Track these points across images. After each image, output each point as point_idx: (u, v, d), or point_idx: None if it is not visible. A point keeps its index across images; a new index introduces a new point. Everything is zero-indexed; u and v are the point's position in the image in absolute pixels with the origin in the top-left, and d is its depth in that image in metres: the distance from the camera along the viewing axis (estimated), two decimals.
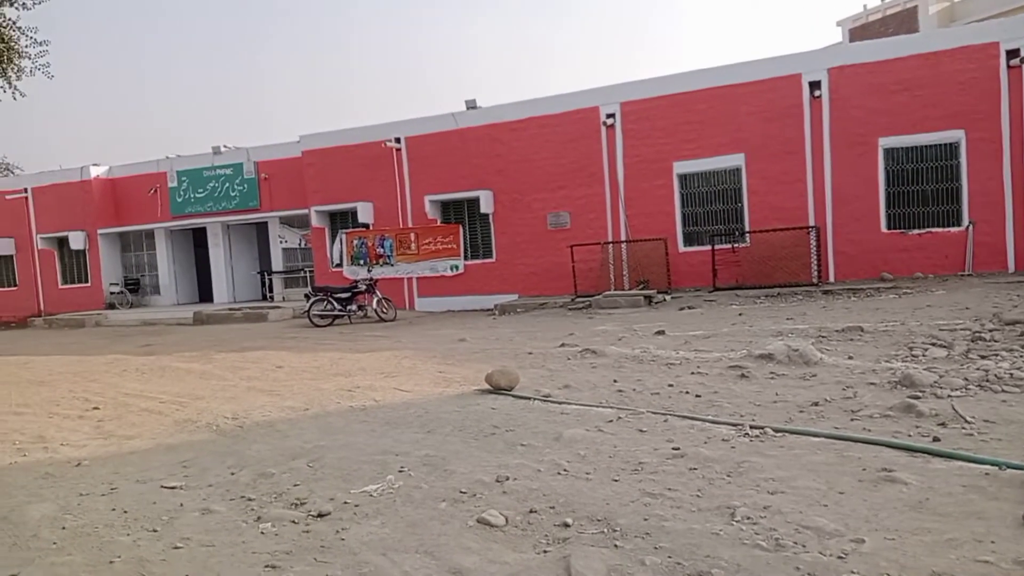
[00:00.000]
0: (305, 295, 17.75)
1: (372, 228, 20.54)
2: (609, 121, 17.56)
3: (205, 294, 25.32)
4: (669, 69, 60.26)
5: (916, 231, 15.28)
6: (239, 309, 20.33)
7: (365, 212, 20.43)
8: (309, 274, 22.20)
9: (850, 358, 7.32)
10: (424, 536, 3.55)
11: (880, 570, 2.86)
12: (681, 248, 17.08)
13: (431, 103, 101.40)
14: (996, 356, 6.70)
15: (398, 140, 19.96)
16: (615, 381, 7.15)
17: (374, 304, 16.97)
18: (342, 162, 20.75)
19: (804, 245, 15.37)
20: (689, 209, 17.12)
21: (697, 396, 6.23)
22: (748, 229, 16.30)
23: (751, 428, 5.00)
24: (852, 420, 5.11)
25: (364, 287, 17.10)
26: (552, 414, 5.97)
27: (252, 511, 4.11)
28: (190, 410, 7.31)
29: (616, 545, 3.26)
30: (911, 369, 6.19)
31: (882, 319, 9.85)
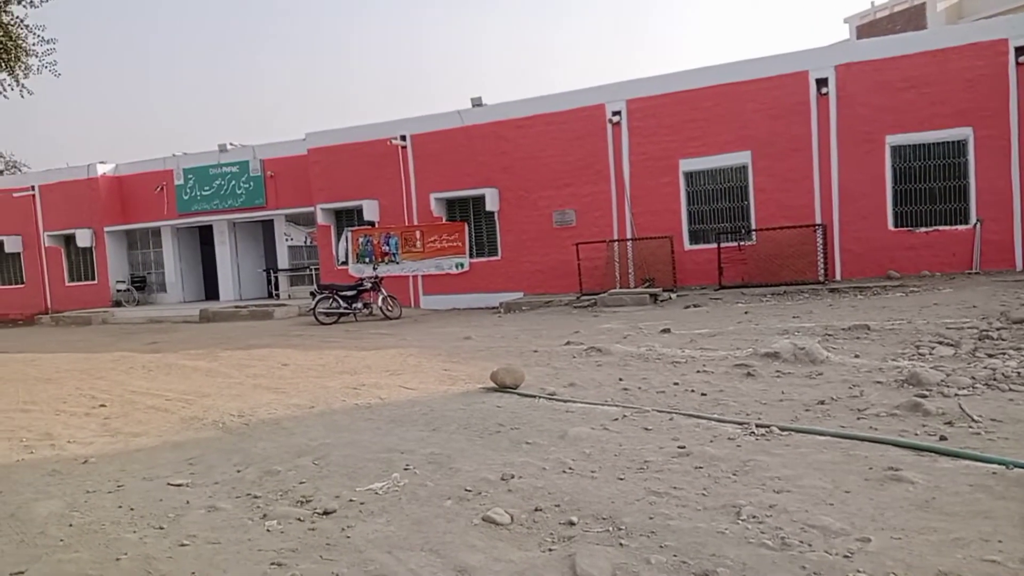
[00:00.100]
0: (311, 293, 17.79)
1: (378, 226, 20.56)
2: (615, 119, 17.53)
3: (211, 292, 25.41)
4: (675, 67, 60.18)
5: (923, 229, 15.22)
6: (245, 307, 20.38)
7: (371, 210, 20.46)
8: (315, 272, 22.24)
9: (856, 357, 7.30)
10: (429, 534, 3.55)
11: (886, 569, 2.85)
12: (687, 246, 17.05)
13: (437, 101, 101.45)
14: (1003, 355, 6.67)
15: (404, 138, 19.97)
16: (620, 379, 7.15)
17: (379, 302, 17.01)
18: (348, 160, 20.77)
19: (810, 243, 15.33)
20: (695, 207, 17.08)
21: (703, 394, 6.22)
22: (754, 227, 16.26)
23: (757, 427, 4.99)
24: (858, 419, 5.09)
25: (369, 285, 17.14)
26: (557, 412, 5.96)
27: (258, 509, 4.12)
28: (196, 408, 7.34)
29: (621, 544, 3.26)
30: (918, 368, 6.17)
31: (889, 317, 9.81)
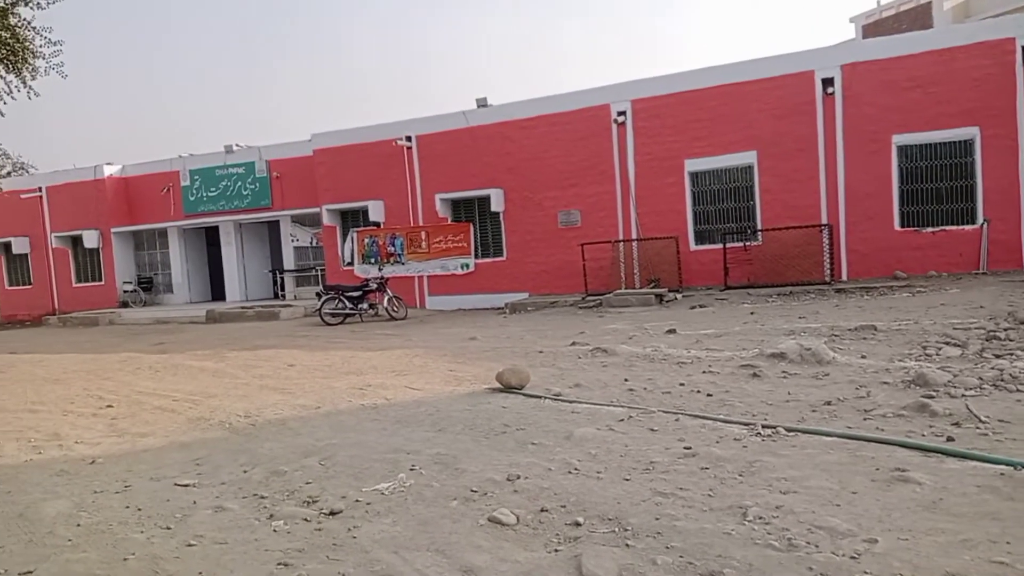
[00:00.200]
0: (317, 293, 17.83)
1: (383, 227, 20.58)
2: (620, 119, 17.51)
3: (217, 292, 25.46)
4: (680, 67, 60.05)
5: (930, 229, 15.17)
6: (251, 307, 20.43)
7: (376, 211, 20.49)
8: (321, 273, 22.28)
9: (863, 357, 7.28)
10: (435, 534, 3.55)
11: (893, 570, 2.85)
12: (692, 246, 17.02)
13: (442, 102, 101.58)
14: (1011, 355, 6.65)
15: (409, 139, 19.99)
16: (626, 380, 7.14)
17: (385, 302, 17.04)
18: (353, 161, 20.80)
19: (817, 243, 15.29)
20: (700, 207, 17.06)
21: (708, 395, 6.21)
22: (760, 227, 16.23)
23: (763, 427, 4.98)
24: (865, 419, 5.08)
25: (375, 285, 17.16)
26: (563, 413, 5.96)
27: (265, 509, 4.13)
28: (203, 408, 7.36)
29: (627, 544, 3.26)
30: (925, 368, 6.15)
31: (895, 318, 9.78)
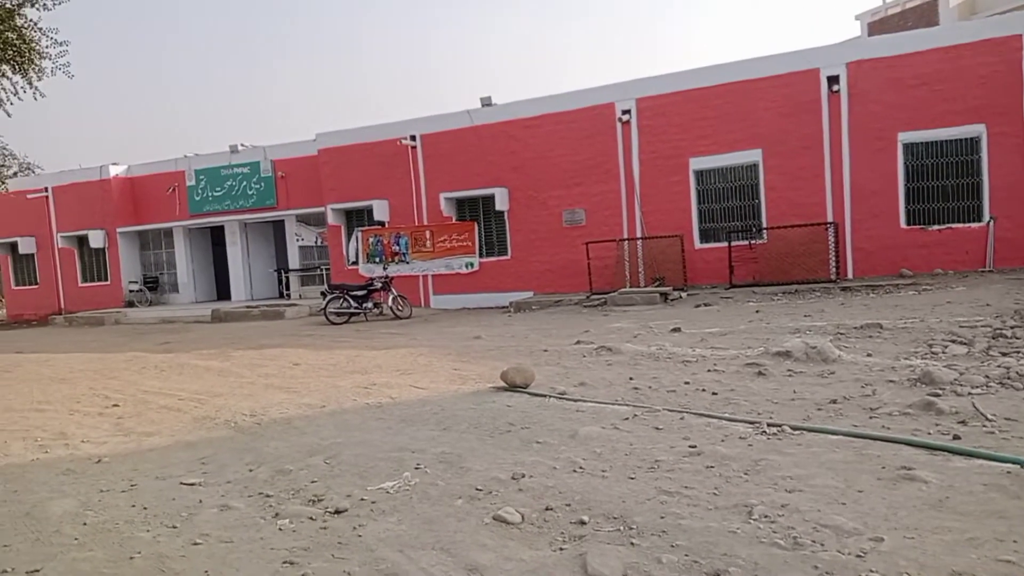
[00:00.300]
0: (321, 293, 17.86)
1: (388, 226, 20.61)
2: (625, 117, 17.49)
3: (223, 292, 25.53)
4: (685, 65, 59.99)
5: (936, 227, 15.12)
6: (256, 307, 20.47)
7: (381, 210, 20.51)
8: (325, 272, 22.32)
9: (869, 355, 7.26)
10: (440, 533, 3.55)
11: (899, 569, 2.84)
12: (697, 245, 17.00)
13: (446, 101, 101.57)
14: (1017, 353, 6.62)
15: (413, 138, 20.01)
16: (631, 379, 7.14)
17: (390, 302, 17.06)
18: (358, 160, 20.83)
19: (822, 241, 15.26)
20: (705, 205, 17.03)
21: (714, 394, 6.20)
22: (765, 225, 16.20)
23: (768, 426, 4.97)
24: (871, 418, 5.06)
25: (380, 285, 17.19)
26: (568, 412, 5.96)
27: (270, 508, 4.14)
28: (208, 407, 7.37)
29: (632, 543, 3.26)
30: (931, 366, 6.13)
31: (901, 316, 9.75)
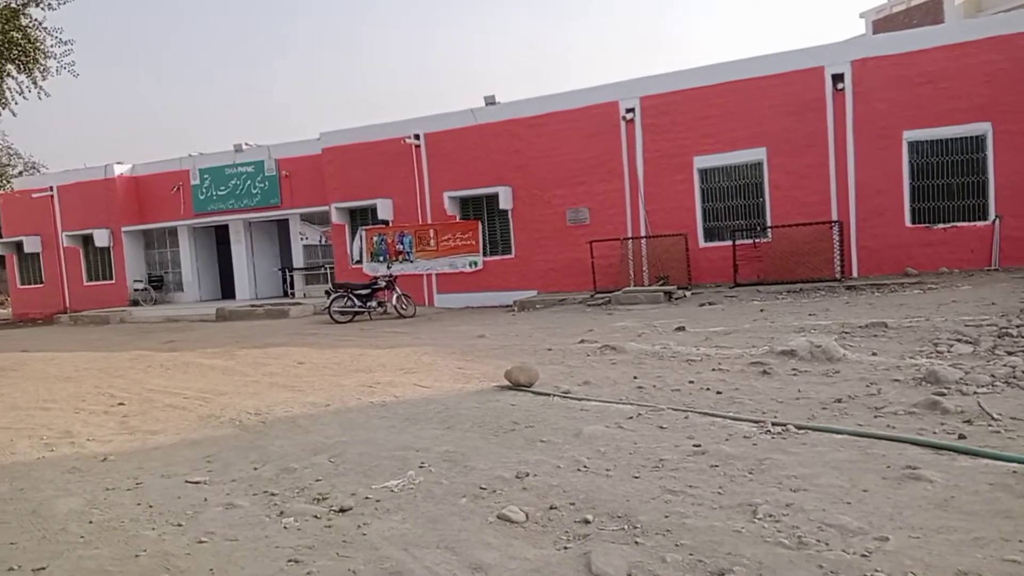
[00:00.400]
0: (326, 292, 17.87)
1: (392, 225, 20.62)
2: (629, 116, 17.47)
3: (227, 291, 25.58)
4: (689, 63, 59.90)
5: (941, 225, 15.07)
6: (261, 306, 20.50)
7: (385, 209, 20.52)
8: (329, 271, 22.34)
9: (874, 354, 7.24)
10: (445, 532, 3.56)
11: (904, 568, 2.83)
12: (701, 243, 16.98)
13: (450, 100, 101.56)
14: (1023, 352, 6.60)
15: (417, 137, 20.01)
16: (635, 378, 7.13)
17: (394, 300, 17.07)
18: (362, 159, 20.84)
19: (827, 240, 15.22)
20: (709, 204, 17.00)
21: (718, 393, 6.19)
22: (770, 224, 16.17)
23: (773, 425, 4.96)
24: (876, 417, 5.05)
25: (384, 283, 17.21)
26: (572, 410, 5.96)
27: (275, 506, 4.15)
28: (213, 406, 7.39)
29: (637, 542, 3.26)
30: (936, 365, 6.11)
31: (906, 315, 9.73)
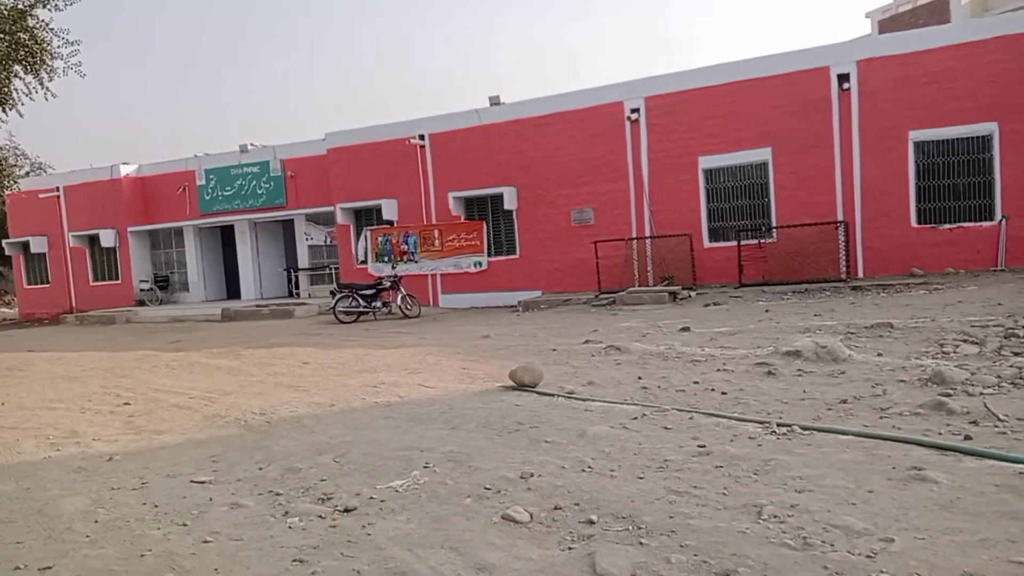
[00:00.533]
0: (331, 292, 17.90)
1: (396, 225, 20.64)
2: (633, 116, 17.45)
3: (233, 291, 25.64)
4: (694, 64, 59.80)
5: (947, 226, 15.02)
6: (266, 306, 20.54)
7: (390, 209, 20.55)
8: (334, 271, 22.37)
9: (879, 355, 7.22)
10: (449, 532, 3.56)
11: (910, 570, 2.82)
12: (706, 244, 16.95)
13: (455, 100, 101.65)
14: None
15: (422, 137, 20.03)
16: (640, 378, 7.13)
17: (398, 301, 17.09)
18: (367, 159, 20.87)
19: (832, 240, 15.18)
20: (715, 204, 16.97)
21: (723, 393, 6.18)
22: (775, 224, 16.13)
23: (778, 426, 4.95)
24: (881, 418, 5.04)
25: (389, 284, 17.22)
26: (576, 411, 5.96)
27: (280, 506, 4.16)
28: (219, 406, 7.41)
29: (641, 543, 3.25)
30: (942, 366, 6.09)
31: (912, 315, 9.70)
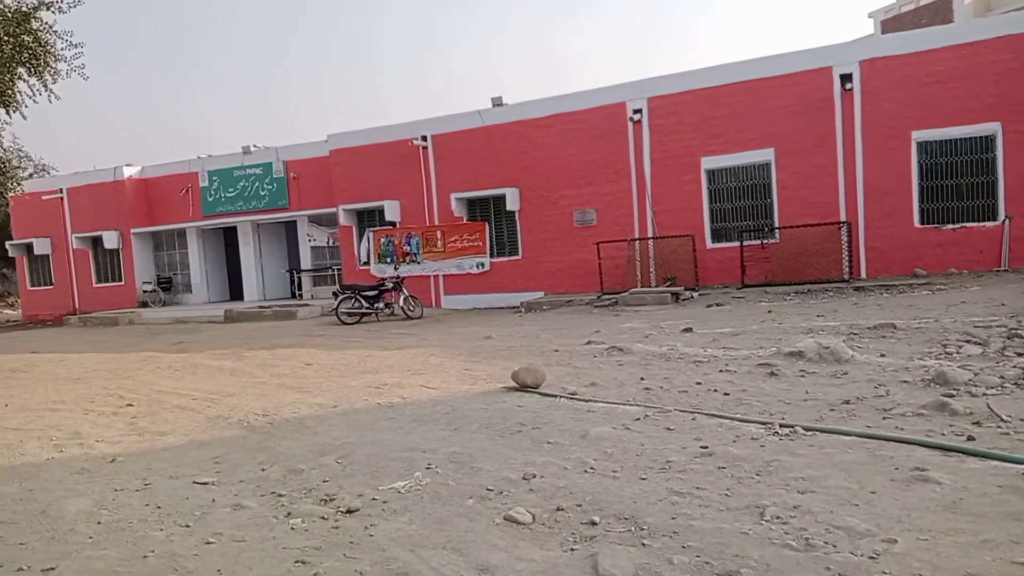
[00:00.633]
0: (333, 293, 17.92)
1: (399, 226, 20.66)
2: (636, 117, 17.45)
3: (236, 292, 25.68)
4: (695, 64, 59.79)
5: (950, 226, 14.99)
6: (269, 307, 20.57)
7: (392, 210, 20.56)
8: (337, 272, 22.39)
9: (882, 356, 7.21)
10: (452, 533, 3.56)
11: (913, 570, 2.82)
12: (709, 244, 16.94)
13: (457, 101, 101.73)
14: None
15: (425, 138, 20.04)
16: (642, 379, 7.12)
17: (401, 302, 17.09)
18: (369, 161, 20.89)
19: (835, 241, 15.16)
20: (717, 205, 16.96)
21: (725, 394, 6.18)
22: (778, 225, 16.12)
23: (781, 427, 4.94)
24: (884, 419, 5.03)
25: (391, 285, 17.23)
26: (579, 412, 5.96)
27: (282, 507, 4.16)
28: (221, 407, 7.42)
29: (644, 544, 3.25)
30: (945, 367, 6.08)
31: (915, 316, 9.68)
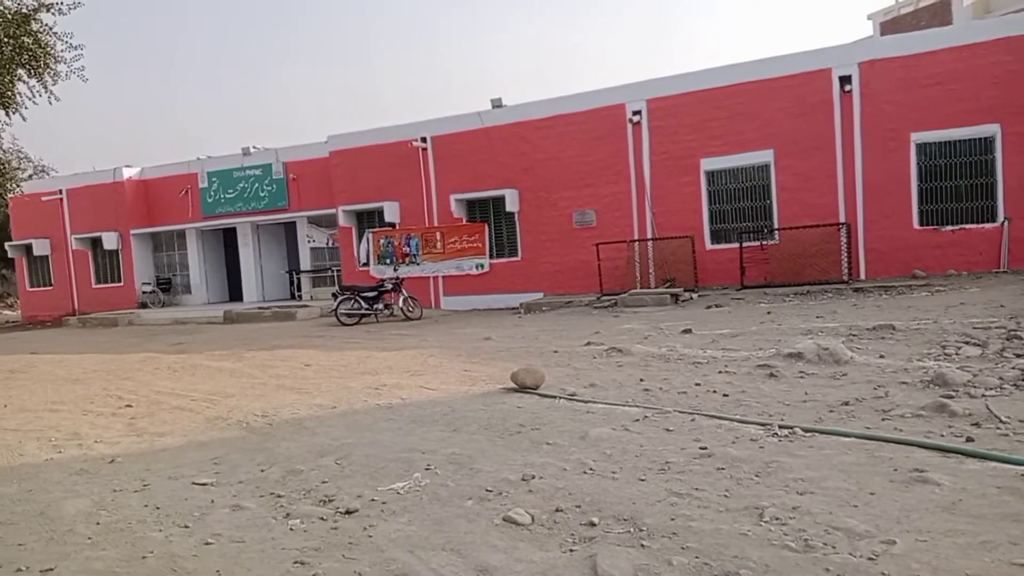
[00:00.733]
0: (333, 294, 17.91)
1: (398, 227, 20.66)
2: (635, 118, 17.46)
3: (235, 293, 25.67)
4: (696, 65, 59.77)
5: (949, 227, 15.00)
6: (268, 308, 20.56)
7: (392, 211, 20.56)
8: (336, 273, 22.39)
9: (881, 357, 7.21)
10: (451, 534, 3.56)
11: (912, 572, 2.82)
12: (708, 246, 16.95)
13: (457, 103, 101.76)
14: None
15: (424, 139, 20.04)
16: (641, 380, 7.12)
17: (400, 303, 17.09)
18: (369, 162, 20.89)
19: (834, 242, 15.17)
20: (717, 206, 16.97)
21: (725, 395, 6.18)
22: (777, 226, 16.12)
23: (780, 428, 4.94)
24: (883, 420, 5.03)
25: (391, 286, 17.23)
26: (578, 413, 5.96)
27: (281, 508, 4.16)
28: (221, 408, 7.42)
29: (643, 545, 3.25)
30: (944, 368, 6.08)
31: (914, 317, 9.69)
